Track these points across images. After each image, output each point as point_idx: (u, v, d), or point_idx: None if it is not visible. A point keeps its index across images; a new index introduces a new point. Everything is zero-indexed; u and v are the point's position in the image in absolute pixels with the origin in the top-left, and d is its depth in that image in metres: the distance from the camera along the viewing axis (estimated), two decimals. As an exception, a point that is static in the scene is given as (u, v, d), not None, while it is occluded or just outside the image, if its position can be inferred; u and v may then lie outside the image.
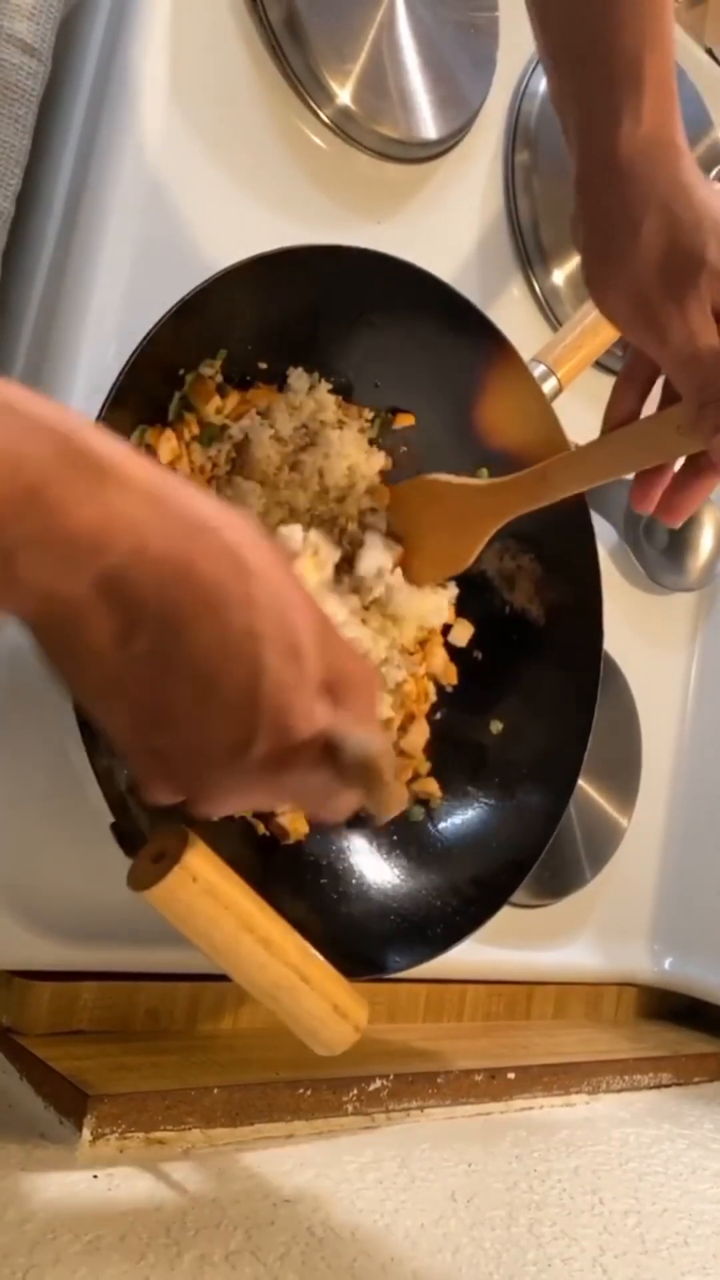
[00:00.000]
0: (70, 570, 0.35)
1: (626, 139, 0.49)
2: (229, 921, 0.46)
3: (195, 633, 0.37)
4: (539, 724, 0.66)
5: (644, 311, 0.50)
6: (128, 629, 0.36)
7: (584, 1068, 0.74)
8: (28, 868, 0.56)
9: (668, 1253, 0.52)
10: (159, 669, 0.37)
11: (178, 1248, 0.43)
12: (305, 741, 0.40)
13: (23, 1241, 0.41)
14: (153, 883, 0.44)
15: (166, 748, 0.40)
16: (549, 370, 0.64)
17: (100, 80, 0.61)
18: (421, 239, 0.72)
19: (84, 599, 0.35)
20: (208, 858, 0.46)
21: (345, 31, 0.66)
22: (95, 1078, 0.52)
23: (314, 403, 0.61)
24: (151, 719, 0.39)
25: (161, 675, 0.37)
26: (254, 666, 0.38)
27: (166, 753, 0.40)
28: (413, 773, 0.66)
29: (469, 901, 0.62)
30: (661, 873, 0.90)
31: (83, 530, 0.34)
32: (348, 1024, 0.50)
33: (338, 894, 0.61)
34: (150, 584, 0.36)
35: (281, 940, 0.47)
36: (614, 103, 0.49)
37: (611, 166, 0.50)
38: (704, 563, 0.89)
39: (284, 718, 0.39)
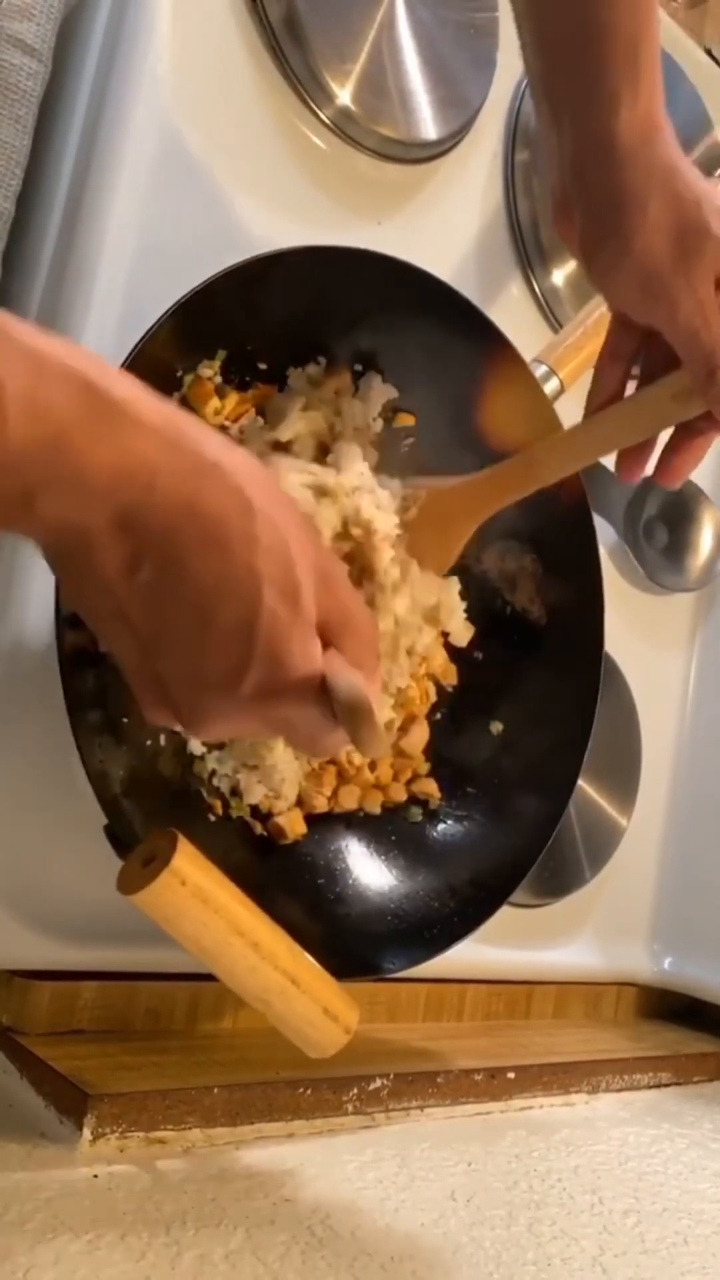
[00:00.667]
0: (87, 507, 0.37)
1: (625, 122, 0.51)
2: (218, 924, 0.46)
3: (198, 566, 0.39)
4: (539, 725, 0.66)
5: (653, 287, 0.52)
6: (135, 560, 0.39)
7: (584, 1067, 0.74)
8: (28, 868, 0.57)
9: (667, 1252, 0.52)
10: (162, 598, 0.39)
11: (178, 1248, 0.43)
12: (298, 678, 0.41)
13: (23, 1241, 0.41)
14: (141, 886, 0.44)
15: (165, 673, 0.41)
16: (551, 370, 0.64)
17: (100, 80, 0.61)
18: (421, 239, 0.72)
19: (97, 531, 0.38)
20: (197, 861, 0.46)
21: (345, 31, 0.66)
22: (95, 1077, 0.52)
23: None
24: (153, 644, 0.41)
25: (164, 604, 0.40)
26: (252, 602, 0.40)
27: (165, 677, 0.42)
28: (412, 773, 0.66)
29: (466, 903, 0.62)
30: (661, 873, 0.90)
31: (101, 471, 0.36)
32: (338, 1026, 0.50)
33: (334, 894, 0.61)
34: (158, 519, 0.38)
35: (271, 943, 0.47)
36: (614, 87, 0.50)
37: (612, 149, 0.51)
38: (703, 563, 0.89)
39: (278, 653, 0.41)
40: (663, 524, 0.87)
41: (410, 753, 0.65)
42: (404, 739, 0.65)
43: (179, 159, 0.61)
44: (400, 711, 0.65)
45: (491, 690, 0.67)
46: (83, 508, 0.37)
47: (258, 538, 0.40)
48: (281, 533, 0.41)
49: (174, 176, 0.61)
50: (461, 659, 0.67)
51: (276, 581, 0.40)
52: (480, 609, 0.67)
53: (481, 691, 0.67)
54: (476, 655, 0.67)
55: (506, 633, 0.67)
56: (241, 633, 0.40)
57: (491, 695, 0.67)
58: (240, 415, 0.59)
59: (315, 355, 0.61)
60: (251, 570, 0.40)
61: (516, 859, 0.63)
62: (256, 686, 0.41)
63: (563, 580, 0.66)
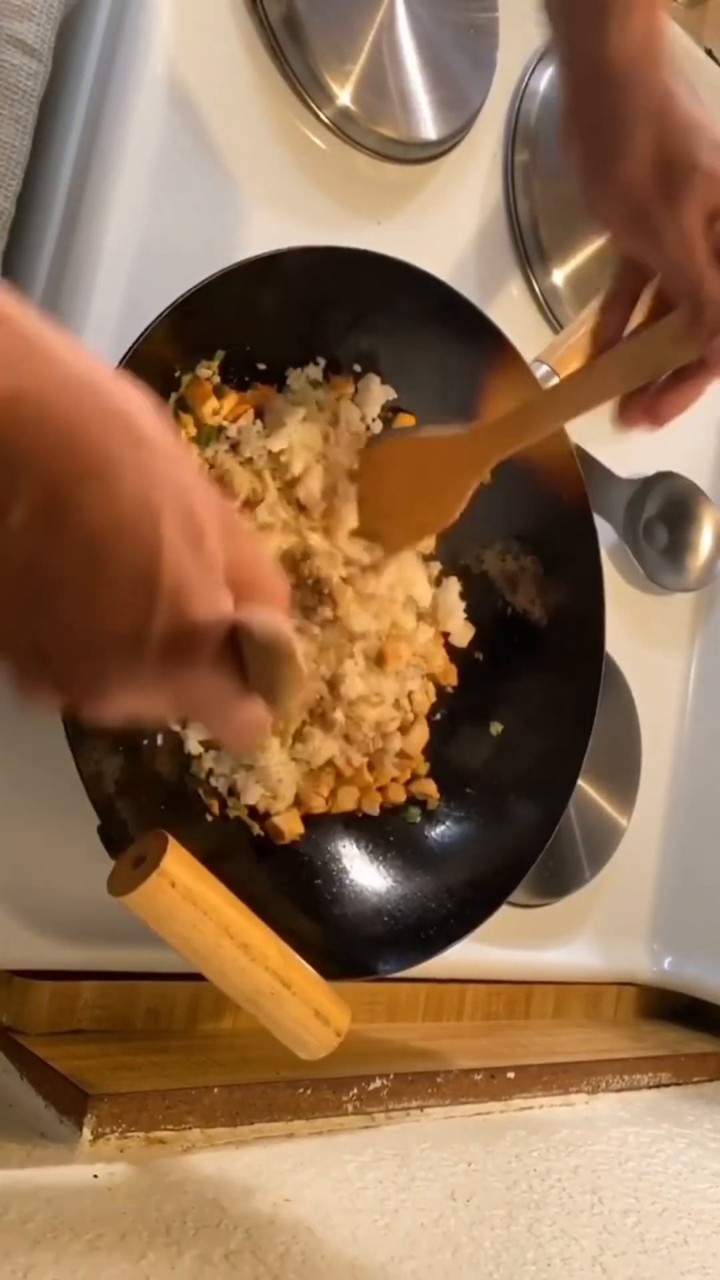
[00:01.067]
0: None
1: (615, 46, 0.51)
2: (208, 926, 0.46)
3: (82, 499, 0.33)
4: (539, 726, 0.66)
5: (637, 216, 0.52)
6: (3, 496, 0.32)
7: (583, 1067, 0.74)
8: (28, 867, 0.57)
9: (667, 1252, 0.52)
10: (41, 541, 0.33)
11: (178, 1247, 0.43)
12: (206, 631, 0.35)
13: (23, 1241, 0.41)
14: (131, 888, 0.44)
15: (48, 639, 0.35)
16: (552, 371, 0.64)
17: (100, 80, 0.61)
18: (421, 239, 0.72)
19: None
20: (187, 863, 0.46)
21: (345, 31, 0.66)
22: (95, 1077, 0.52)
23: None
24: (32, 600, 0.34)
25: (43, 548, 0.33)
26: (150, 540, 0.33)
27: (47, 646, 0.35)
28: (411, 774, 0.66)
29: (464, 904, 0.62)
30: (661, 873, 0.90)
31: None
32: (329, 1029, 0.50)
33: (331, 895, 0.61)
34: (29, 443, 0.32)
35: (262, 945, 0.47)
36: (603, 12, 0.51)
37: (602, 73, 0.51)
38: (703, 563, 0.89)
39: (183, 600, 0.34)
40: (663, 524, 0.87)
41: (410, 753, 0.65)
42: (405, 740, 0.65)
43: (179, 159, 0.61)
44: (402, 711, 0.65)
45: (491, 691, 0.67)
46: None
47: (151, 468, 0.34)
48: (176, 467, 0.35)
49: (174, 176, 0.61)
50: (462, 659, 0.67)
51: (177, 518, 0.34)
52: (481, 609, 0.67)
53: (481, 692, 0.67)
54: (477, 656, 0.67)
55: (507, 634, 0.67)
56: (140, 577, 0.34)
57: (491, 696, 0.67)
58: (239, 415, 0.59)
59: (314, 356, 0.61)
60: (147, 504, 0.33)
61: (515, 860, 0.63)
62: (162, 642, 0.34)
63: (563, 581, 0.66)
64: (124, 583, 0.34)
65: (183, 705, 0.39)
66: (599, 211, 0.54)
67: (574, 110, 0.53)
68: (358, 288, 0.58)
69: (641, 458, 0.85)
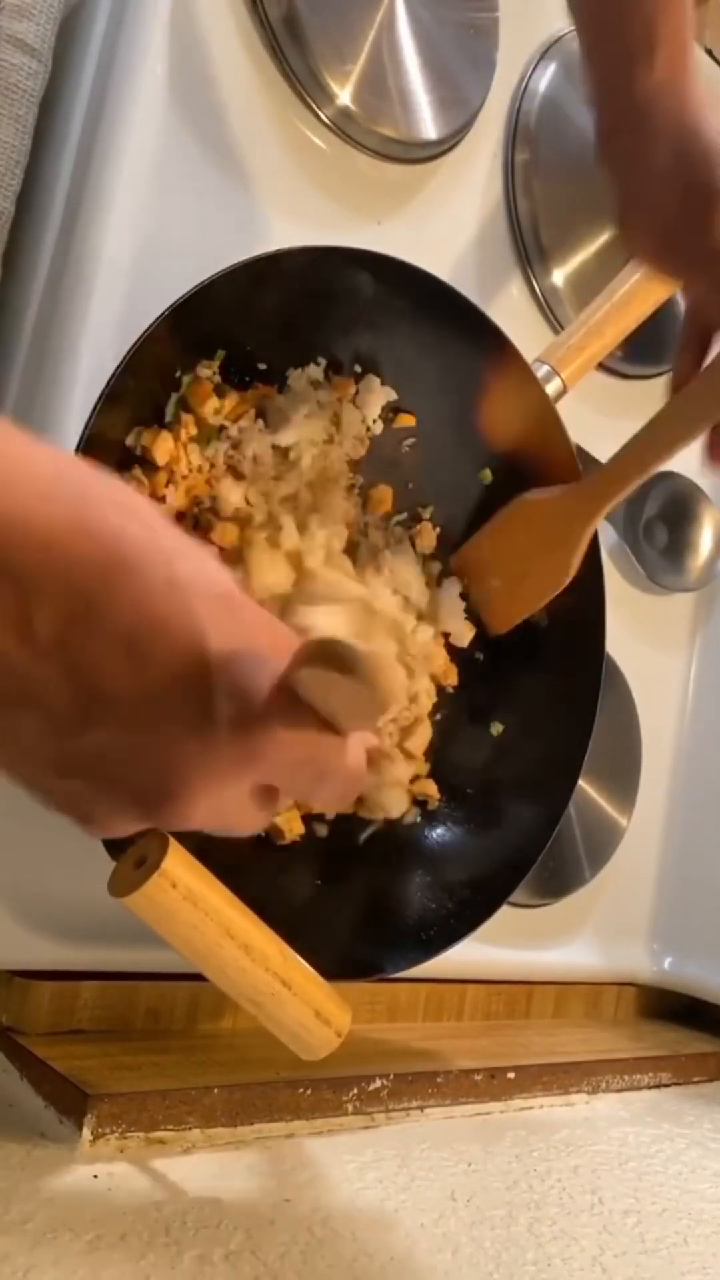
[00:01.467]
0: None
1: (640, 87, 0.53)
2: (209, 927, 0.46)
3: (111, 593, 0.31)
4: (540, 727, 0.66)
5: (669, 243, 0.54)
6: (25, 611, 0.30)
7: (584, 1067, 0.74)
8: (27, 867, 0.57)
9: (667, 1252, 0.52)
10: (77, 648, 0.31)
11: (178, 1248, 0.43)
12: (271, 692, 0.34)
13: (23, 1241, 0.41)
14: (132, 889, 0.44)
15: (105, 753, 0.33)
16: (553, 371, 0.64)
17: (100, 80, 0.61)
18: (421, 239, 0.72)
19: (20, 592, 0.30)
20: (188, 863, 0.45)
21: (345, 31, 0.66)
22: (95, 1077, 0.52)
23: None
24: (81, 713, 0.32)
25: (81, 655, 0.31)
26: (188, 618, 0.32)
27: (107, 761, 0.33)
28: (412, 774, 0.65)
29: (464, 904, 0.62)
30: (661, 873, 0.90)
31: None
32: (330, 1030, 0.50)
33: (330, 895, 0.61)
34: (40, 551, 0.30)
35: (263, 946, 0.47)
36: (631, 57, 0.53)
37: (629, 112, 0.54)
38: (703, 563, 0.89)
39: (238, 669, 0.33)
40: (663, 524, 0.87)
41: (414, 753, 0.65)
42: (408, 740, 0.65)
43: (179, 159, 0.61)
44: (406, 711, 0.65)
45: (492, 691, 0.67)
46: None
47: (167, 548, 0.32)
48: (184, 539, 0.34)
49: (174, 176, 0.61)
50: (462, 660, 0.67)
51: (206, 589, 0.33)
52: (481, 609, 0.67)
53: (482, 692, 0.67)
54: (478, 656, 0.67)
55: (507, 634, 0.67)
56: (190, 659, 0.32)
57: (492, 697, 0.67)
58: (239, 415, 0.59)
59: (315, 356, 0.61)
60: (173, 581, 0.32)
61: (515, 861, 0.63)
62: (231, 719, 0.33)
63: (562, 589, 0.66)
64: (174, 666, 0.32)
65: (273, 779, 0.37)
66: (635, 240, 0.56)
67: (606, 143, 0.55)
68: (358, 288, 0.58)
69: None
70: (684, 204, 0.53)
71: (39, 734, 0.32)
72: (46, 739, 0.33)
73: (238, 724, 0.33)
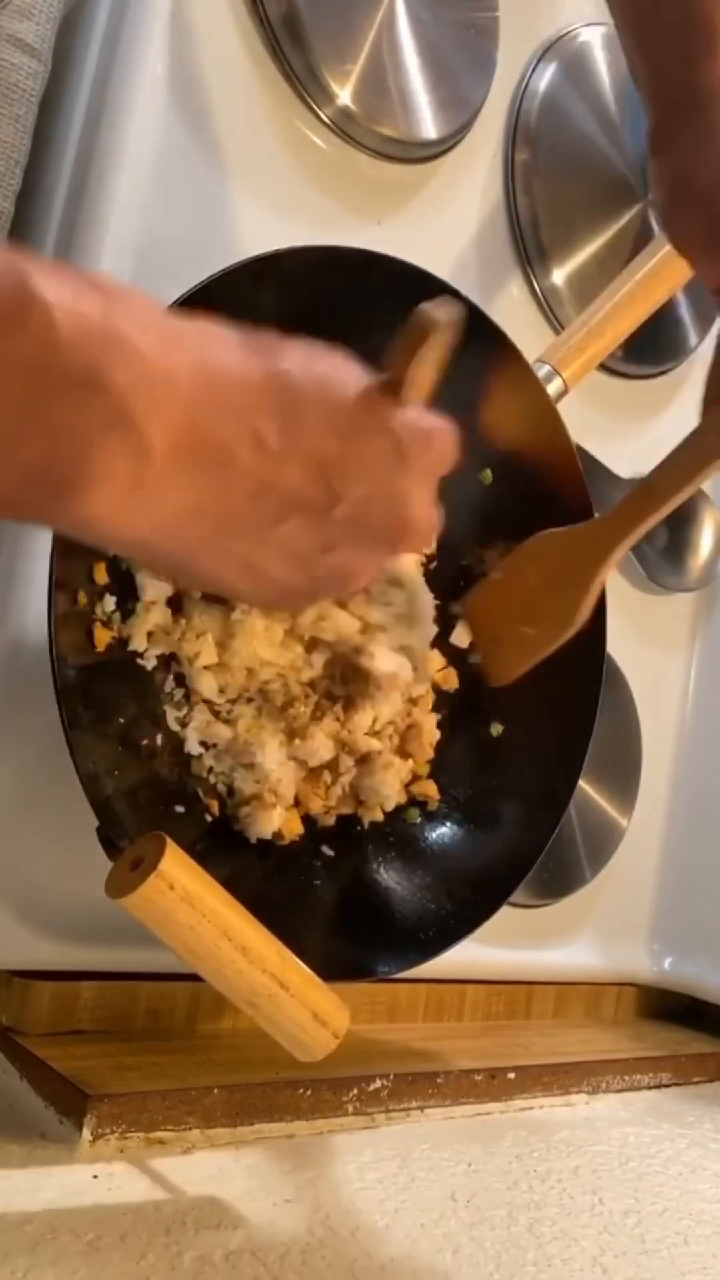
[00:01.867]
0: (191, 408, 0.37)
1: (706, 79, 0.53)
2: (206, 929, 0.46)
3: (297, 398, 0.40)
4: (540, 728, 0.66)
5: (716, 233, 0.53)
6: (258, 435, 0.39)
7: (584, 1067, 0.74)
8: (28, 867, 0.57)
9: (667, 1252, 0.52)
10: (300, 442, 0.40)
11: (178, 1248, 0.43)
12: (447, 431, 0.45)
13: (23, 1241, 0.41)
14: (129, 890, 0.44)
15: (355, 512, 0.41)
16: (554, 371, 0.64)
17: (100, 80, 0.61)
18: (421, 239, 0.72)
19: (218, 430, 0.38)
20: (185, 864, 0.45)
21: (345, 31, 0.66)
22: (95, 1078, 0.52)
23: None
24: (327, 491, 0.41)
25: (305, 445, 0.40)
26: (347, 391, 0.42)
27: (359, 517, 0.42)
28: (412, 775, 0.65)
29: (463, 905, 0.62)
30: (661, 873, 0.90)
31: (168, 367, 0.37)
32: (327, 1031, 0.50)
33: (330, 896, 0.61)
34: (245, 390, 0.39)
35: (260, 947, 0.47)
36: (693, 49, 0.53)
37: (689, 103, 0.53)
38: (704, 563, 0.89)
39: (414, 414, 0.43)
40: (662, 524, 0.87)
41: (414, 754, 0.65)
42: (408, 741, 0.65)
43: (179, 159, 0.61)
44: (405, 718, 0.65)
45: (492, 693, 0.67)
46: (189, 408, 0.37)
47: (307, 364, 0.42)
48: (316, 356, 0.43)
49: (174, 176, 0.61)
50: (463, 661, 0.67)
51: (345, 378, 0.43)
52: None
53: (482, 694, 0.67)
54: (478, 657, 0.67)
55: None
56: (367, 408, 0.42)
57: (492, 698, 0.67)
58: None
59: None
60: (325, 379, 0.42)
61: (515, 862, 0.63)
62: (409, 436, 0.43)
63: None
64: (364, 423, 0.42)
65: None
66: (683, 230, 0.55)
67: (658, 139, 0.55)
68: (358, 288, 0.58)
69: (641, 458, 0.85)
70: None
71: (306, 529, 0.41)
72: (313, 530, 0.41)
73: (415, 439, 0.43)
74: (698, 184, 0.53)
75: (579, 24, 0.81)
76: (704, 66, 0.52)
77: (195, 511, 0.39)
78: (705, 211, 0.53)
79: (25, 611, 0.56)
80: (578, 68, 0.80)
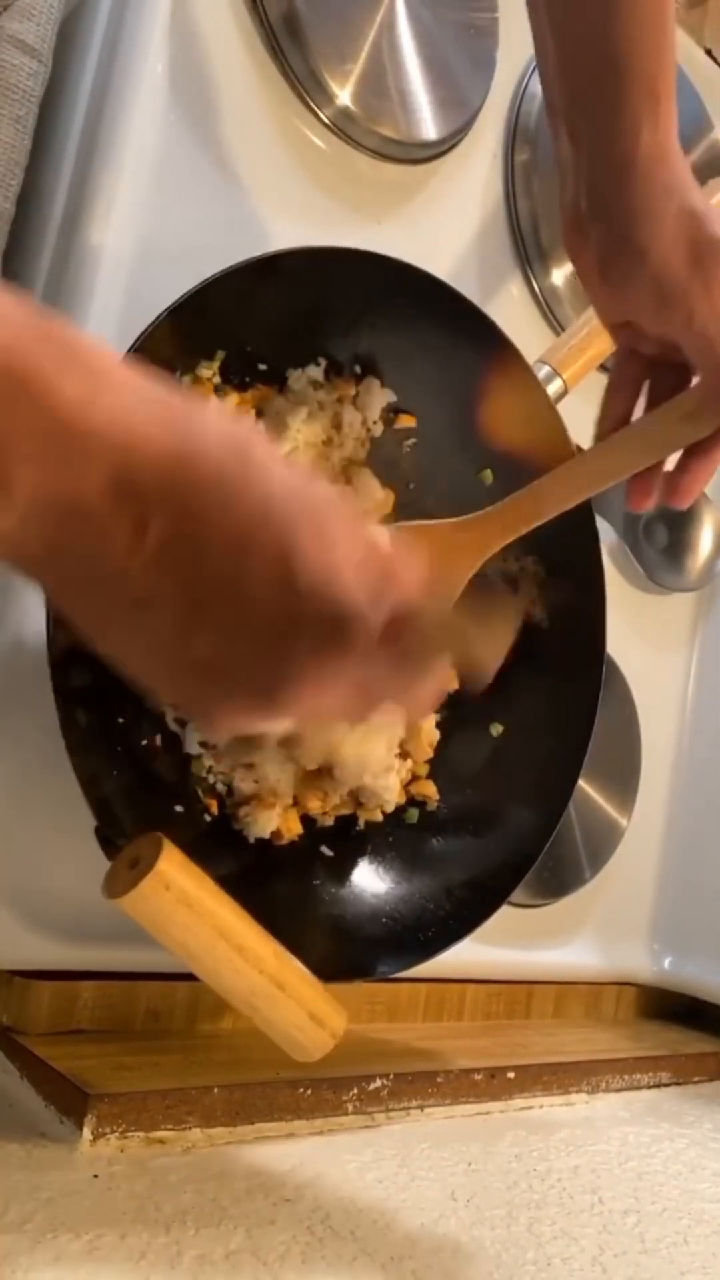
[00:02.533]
0: (77, 468, 0.33)
1: (646, 146, 0.53)
2: (203, 929, 0.46)
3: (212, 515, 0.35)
4: (539, 729, 0.66)
5: (669, 297, 0.54)
6: (140, 523, 0.34)
7: (584, 1067, 0.74)
8: (27, 867, 0.57)
9: (667, 1252, 0.52)
10: (183, 555, 0.35)
11: (178, 1248, 0.43)
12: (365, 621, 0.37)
13: (22, 1241, 0.41)
14: (126, 889, 0.44)
15: (216, 651, 0.37)
16: (554, 371, 0.64)
17: (100, 80, 0.61)
18: (421, 239, 0.72)
19: (93, 497, 0.34)
20: (182, 865, 0.46)
21: (345, 31, 0.66)
22: (95, 1077, 0.52)
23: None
24: (189, 617, 0.36)
25: (187, 561, 0.35)
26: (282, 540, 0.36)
27: (216, 661, 0.37)
28: (411, 775, 0.65)
29: (463, 905, 0.62)
30: (661, 873, 0.90)
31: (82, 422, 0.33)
32: (324, 1031, 0.50)
33: (330, 895, 0.61)
34: (154, 473, 0.34)
35: (257, 947, 0.47)
36: (635, 117, 0.53)
37: (630, 170, 0.53)
38: (703, 563, 0.89)
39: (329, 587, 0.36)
40: (663, 524, 0.87)
41: (414, 754, 0.65)
42: (408, 741, 0.65)
43: (179, 159, 0.61)
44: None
45: (492, 692, 0.67)
46: (72, 470, 0.33)
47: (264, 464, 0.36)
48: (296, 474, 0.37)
49: (174, 176, 0.61)
50: (462, 659, 0.67)
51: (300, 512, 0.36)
52: (480, 609, 0.67)
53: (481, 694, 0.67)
54: (477, 656, 0.67)
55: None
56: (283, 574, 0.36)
57: (492, 697, 0.67)
58: (239, 416, 0.59)
59: (315, 356, 0.61)
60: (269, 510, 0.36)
61: (514, 862, 0.63)
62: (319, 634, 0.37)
63: (564, 582, 0.66)
64: (271, 584, 0.36)
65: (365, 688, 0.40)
66: (625, 299, 0.55)
67: (592, 207, 0.55)
68: (358, 287, 0.58)
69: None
70: (691, 259, 0.53)
71: (158, 636, 0.37)
72: (165, 640, 0.37)
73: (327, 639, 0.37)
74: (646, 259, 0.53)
75: (579, 24, 0.81)
76: (643, 132, 0.53)
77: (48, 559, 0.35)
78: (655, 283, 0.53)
79: (25, 611, 0.56)
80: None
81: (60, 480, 0.33)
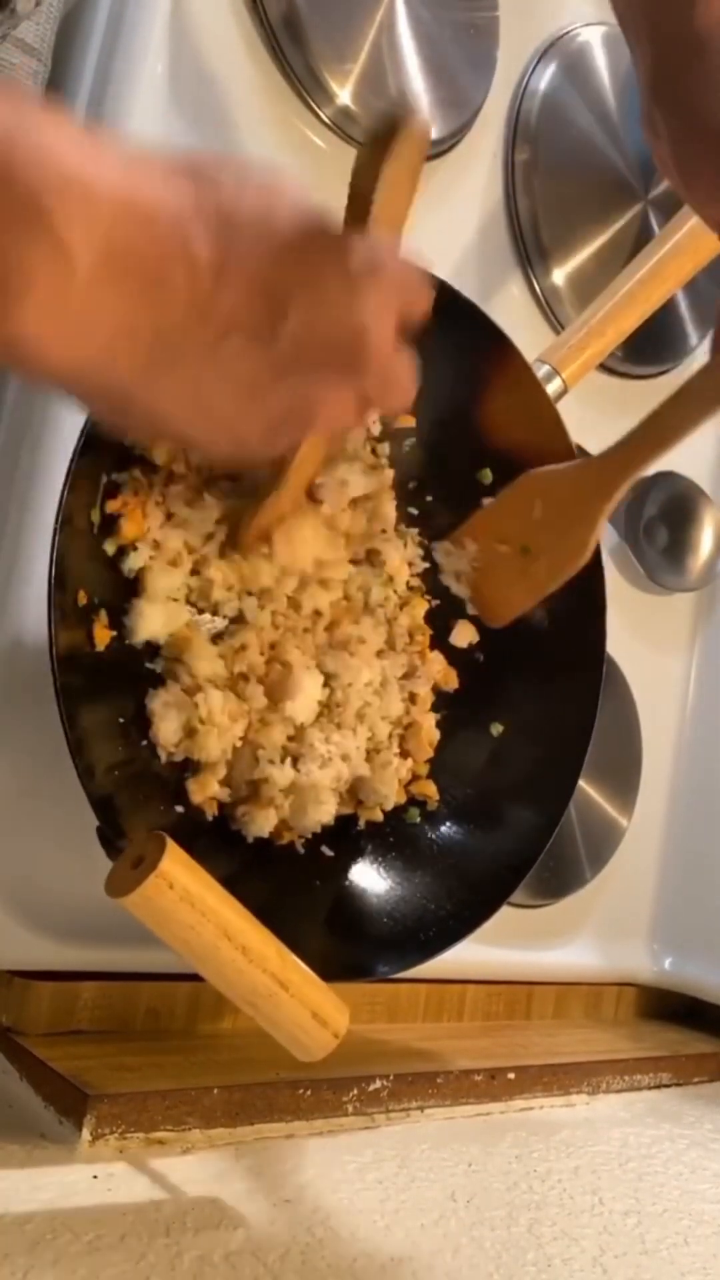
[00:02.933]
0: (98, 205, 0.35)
1: (700, 22, 0.52)
2: (206, 928, 0.46)
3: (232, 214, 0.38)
4: (540, 728, 0.66)
5: None
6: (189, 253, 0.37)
7: (584, 1068, 0.74)
8: (27, 867, 0.56)
9: (668, 1253, 0.52)
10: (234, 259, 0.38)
11: (178, 1248, 0.43)
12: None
13: (23, 1241, 0.41)
14: (129, 889, 0.44)
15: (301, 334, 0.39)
16: (554, 371, 0.64)
17: (100, 80, 0.61)
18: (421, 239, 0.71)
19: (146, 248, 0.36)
20: (185, 864, 0.45)
21: (345, 31, 0.66)
22: (95, 1078, 0.52)
23: None
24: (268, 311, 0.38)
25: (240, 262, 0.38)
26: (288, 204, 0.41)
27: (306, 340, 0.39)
28: (411, 774, 0.65)
29: (463, 905, 0.62)
30: (661, 873, 0.90)
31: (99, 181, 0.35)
32: (327, 1031, 0.50)
33: (330, 896, 0.61)
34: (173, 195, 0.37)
35: (260, 947, 0.47)
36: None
37: (691, 46, 0.52)
38: (704, 563, 0.89)
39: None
40: (663, 524, 0.87)
41: (414, 754, 0.65)
42: (408, 740, 0.65)
43: (179, 159, 0.61)
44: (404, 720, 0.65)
45: (492, 692, 0.67)
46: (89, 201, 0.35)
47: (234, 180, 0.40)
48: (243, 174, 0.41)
49: (174, 176, 0.61)
50: (463, 661, 0.67)
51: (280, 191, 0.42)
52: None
53: (482, 694, 0.67)
54: (478, 657, 0.67)
55: (508, 635, 0.67)
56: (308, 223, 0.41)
57: (492, 698, 0.67)
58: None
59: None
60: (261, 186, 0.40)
61: (514, 862, 0.63)
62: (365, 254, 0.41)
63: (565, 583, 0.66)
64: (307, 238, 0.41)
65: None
66: (693, 172, 0.54)
67: (659, 84, 0.54)
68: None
69: (642, 458, 0.85)
70: None
71: (251, 352, 0.39)
72: (259, 352, 0.39)
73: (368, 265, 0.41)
74: (709, 125, 0.52)
75: (579, 24, 0.81)
76: (701, 8, 0.52)
77: (127, 332, 0.37)
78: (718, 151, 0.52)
79: (25, 611, 0.56)
80: (578, 67, 0.80)
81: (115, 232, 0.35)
